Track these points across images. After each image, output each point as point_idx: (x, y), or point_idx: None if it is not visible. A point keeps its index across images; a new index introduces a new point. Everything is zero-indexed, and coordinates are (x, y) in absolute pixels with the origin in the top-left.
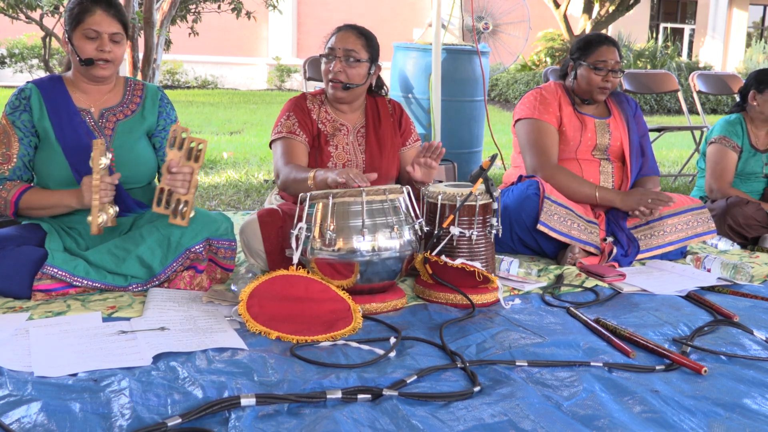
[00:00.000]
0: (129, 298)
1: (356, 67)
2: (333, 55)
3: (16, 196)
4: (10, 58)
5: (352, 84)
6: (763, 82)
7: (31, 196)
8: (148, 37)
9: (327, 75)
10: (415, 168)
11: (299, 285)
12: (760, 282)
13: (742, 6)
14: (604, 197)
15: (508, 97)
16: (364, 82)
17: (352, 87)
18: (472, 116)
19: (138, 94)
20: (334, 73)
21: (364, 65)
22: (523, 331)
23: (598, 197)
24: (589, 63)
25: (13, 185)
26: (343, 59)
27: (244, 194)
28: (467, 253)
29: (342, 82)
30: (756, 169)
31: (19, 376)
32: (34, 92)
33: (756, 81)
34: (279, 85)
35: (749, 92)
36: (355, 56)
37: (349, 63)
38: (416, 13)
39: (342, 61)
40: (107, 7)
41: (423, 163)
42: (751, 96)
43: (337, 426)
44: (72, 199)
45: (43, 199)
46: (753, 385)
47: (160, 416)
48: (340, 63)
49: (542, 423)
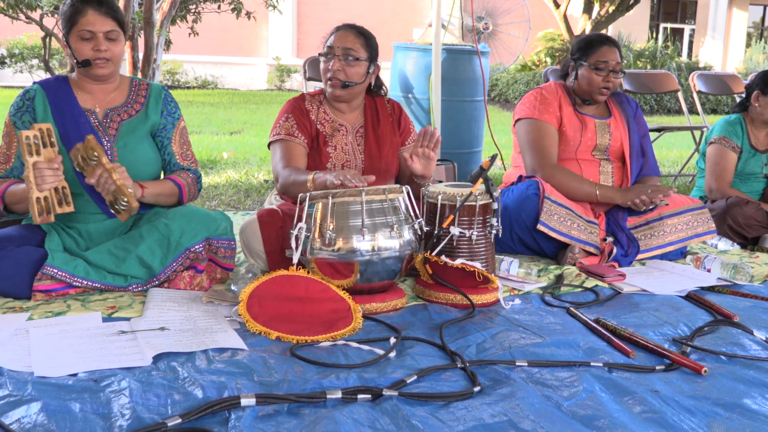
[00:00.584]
0: (129, 298)
1: (355, 65)
2: (332, 53)
3: (2, 191)
4: (10, 59)
5: (350, 82)
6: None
7: (13, 189)
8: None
9: (326, 74)
10: (414, 159)
11: (299, 285)
12: (760, 282)
13: (742, 6)
14: (604, 195)
15: (508, 97)
16: (362, 81)
17: (350, 85)
18: (472, 116)
19: (142, 94)
20: (332, 72)
21: (362, 64)
22: (523, 331)
23: (598, 195)
24: (590, 63)
25: (3, 182)
26: (341, 58)
27: (244, 194)
28: (467, 253)
29: (340, 80)
30: (756, 169)
31: (19, 376)
32: (39, 93)
33: (762, 82)
34: (279, 85)
35: (753, 92)
36: (354, 55)
37: (347, 62)
38: (416, 13)
39: (341, 59)
40: (98, 6)
41: (421, 154)
42: (754, 96)
43: (337, 426)
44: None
45: (20, 192)
46: (753, 385)
47: (160, 416)
48: (338, 61)
49: (542, 423)
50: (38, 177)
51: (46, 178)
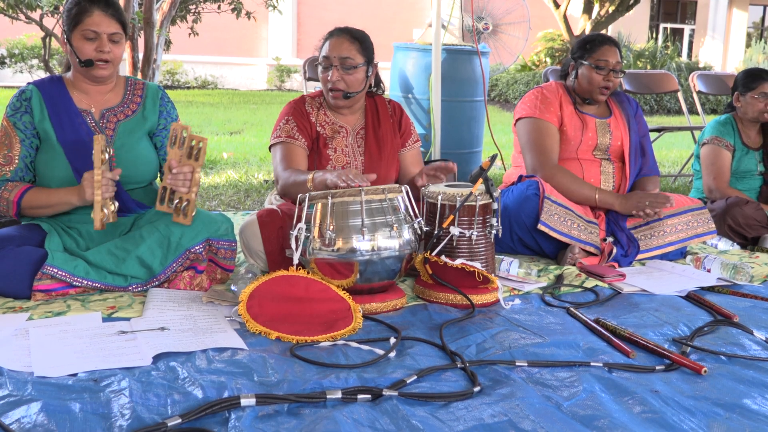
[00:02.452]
0: (129, 298)
1: (354, 73)
2: (329, 63)
3: (18, 196)
4: (10, 59)
5: (352, 92)
6: (745, 84)
7: (32, 195)
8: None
9: (326, 83)
10: (423, 177)
11: (299, 285)
12: (760, 282)
13: (742, 6)
14: (603, 200)
15: (508, 97)
16: (363, 87)
17: (353, 95)
18: (472, 116)
19: (138, 94)
20: (332, 83)
21: (361, 70)
22: (523, 331)
23: (597, 200)
24: (591, 63)
25: (15, 186)
26: (339, 68)
27: (244, 194)
28: (467, 253)
29: (341, 90)
30: (750, 167)
31: (19, 376)
32: (35, 93)
33: (740, 82)
34: (279, 85)
35: (734, 93)
36: (351, 63)
37: (346, 71)
38: (416, 14)
39: (339, 69)
40: (105, 8)
41: (432, 176)
42: (735, 97)
43: (337, 426)
44: (73, 195)
45: (45, 198)
46: (753, 385)
47: (160, 416)
48: (337, 71)
49: (542, 423)
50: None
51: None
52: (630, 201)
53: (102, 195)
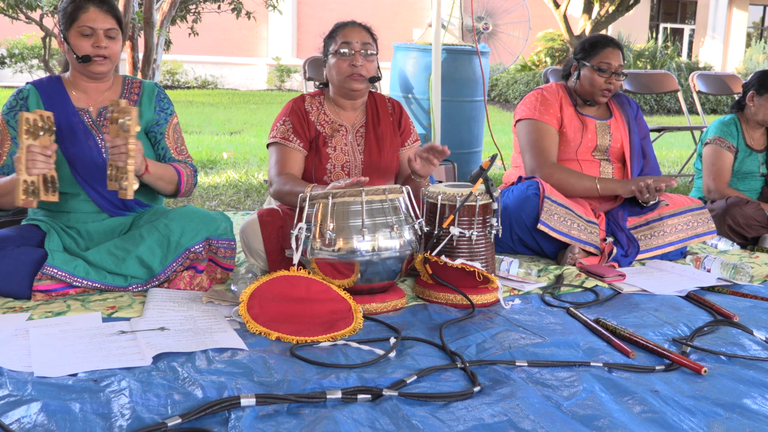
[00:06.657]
0: (129, 298)
1: (372, 60)
2: (352, 49)
3: None
4: (10, 59)
5: (374, 77)
6: (764, 85)
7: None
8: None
9: (346, 71)
10: (417, 159)
11: (300, 285)
12: (760, 282)
13: (742, 6)
14: (605, 187)
15: (508, 97)
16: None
17: (376, 80)
18: (472, 116)
19: (135, 92)
20: (358, 68)
21: (376, 58)
22: (523, 332)
23: (599, 188)
24: (593, 64)
25: None
26: (362, 53)
27: (244, 194)
28: (467, 253)
29: (363, 75)
30: (753, 168)
31: (19, 376)
32: (32, 93)
33: (758, 82)
34: (279, 85)
35: (749, 91)
36: (371, 49)
37: (367, 57)
38: (416, 14)
39: (362, 54)
40: (100, 4)
41: (425, 158)
42: (749, 96)
43: (337, 426)
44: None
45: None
46: (753, 385)
47: (160, 416)
48: (360, 57)
49: (542, 423)
50: (30, 160)
51: (37, 162)
52: (632, 181)
53: (29, 171)
